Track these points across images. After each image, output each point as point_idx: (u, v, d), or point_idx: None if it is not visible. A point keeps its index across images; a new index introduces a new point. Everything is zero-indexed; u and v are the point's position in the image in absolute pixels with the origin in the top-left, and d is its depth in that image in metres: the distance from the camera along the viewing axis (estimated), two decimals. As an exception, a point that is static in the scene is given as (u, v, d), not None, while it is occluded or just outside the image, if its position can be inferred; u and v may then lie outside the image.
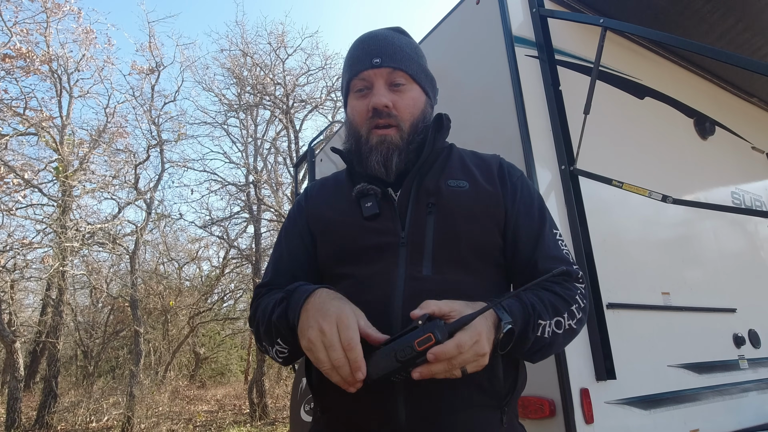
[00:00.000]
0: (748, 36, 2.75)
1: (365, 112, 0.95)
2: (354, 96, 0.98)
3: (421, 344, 0.67)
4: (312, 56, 23.92)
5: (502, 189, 0.95)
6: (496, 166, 1.00)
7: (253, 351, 11.39)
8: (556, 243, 0.94)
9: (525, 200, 0.96)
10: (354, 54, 0.99)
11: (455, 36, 2.49)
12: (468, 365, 0.70)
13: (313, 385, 0.91)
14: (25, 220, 8.83)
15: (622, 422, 1.75)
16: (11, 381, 7.70)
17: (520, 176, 1.00)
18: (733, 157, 3.02)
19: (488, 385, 0.83)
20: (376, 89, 0.94)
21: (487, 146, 2.06)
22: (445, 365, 0.68)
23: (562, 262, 0.91)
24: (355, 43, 1.01)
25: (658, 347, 2.01)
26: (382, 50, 0.96)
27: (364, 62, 0.95)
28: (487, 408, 0.83)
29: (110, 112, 10.07)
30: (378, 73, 0.94)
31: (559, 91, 2.11)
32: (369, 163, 0.94)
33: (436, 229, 0.89)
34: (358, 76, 0.96)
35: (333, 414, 0.88)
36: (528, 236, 0.93)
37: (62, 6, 9.12)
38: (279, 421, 8.77)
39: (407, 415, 0.79)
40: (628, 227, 2.20)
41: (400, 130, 0.94)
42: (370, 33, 1.01)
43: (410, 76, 0.96)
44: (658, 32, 1.90)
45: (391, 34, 1.00)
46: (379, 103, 0.92)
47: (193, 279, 14.72)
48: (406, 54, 0.98)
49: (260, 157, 12.15)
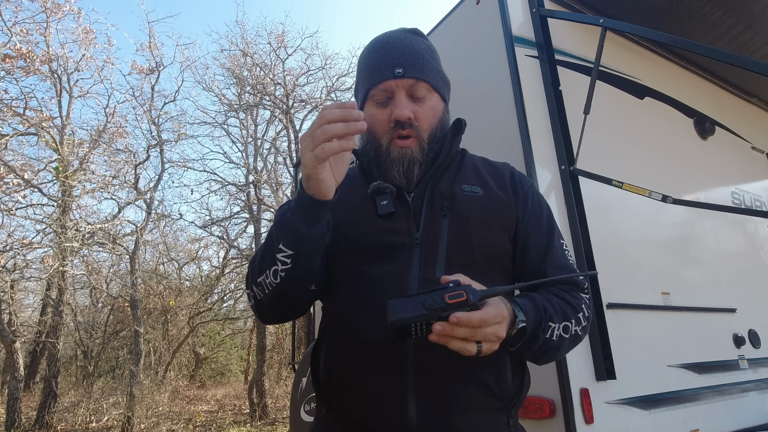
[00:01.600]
0: (748, 36, 2.75)
1: (386, 123, 0.93)
2: (373, 104, 0.96)
3: (452, 298, 0.67)
4: (312, 56, 23.90)
5: (514, 198, 0.96)
6: (508, 174, 1.01)
7: (253, 351, 11.38)
8: (563, 253, 0.95)
9: (535, 210, 0.97)
10: (373, 60, 0.96)
11: (455, 36, 2.49)
12: (484, 344, 0.69)
13: (320, 383, 0.91)
14: (25, 220, 8.83)
15: (622, 422, 1.75)
16: (11, 381, 7.70)
17: (530, 186, 1.01)
18: (733, 157, 3.02)
19: (497, 387, 0.84)
20: (398, 101, 0.92)
21: (487, 146, 2.06)
22: (465, 332, 0.67)
23: (569, 272, 0.93)
24: (374, 48, 0.98)
25: (658, 347, 2.01)
26: (403, 59, 0.94)
27: (385, 72, 0.93)
28: (495, 410, 0.84)
29: (110, 112, 10.07)
30: (400, 84, 0.92)
31: (559, 91, 2.11)
32: (390, 173, 0.93)
33: (450, 233, 0.89)
34: (377, 87, 0.94)
35: (340, 412, 0.88)
36: (538, 245, 0.94)
37: (62, 6, 9.11)
38: (279, 421, 8.76)
39: (417, 414, 0.79)
40: (628, 227, 2.20)
41: (420, 140, 0.93)
42: (388, 37, 0.98)
43: (431, 85, 0.95)
44: (658, 32, 1.90)
45: (410, 39, 0.98)
46: (402, 116, 0.91)
47: (193, 279, 14.72)
48: (427, 62, 0.96)
49: (260, 157, 12.15)
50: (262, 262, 0.83)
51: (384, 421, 0.80)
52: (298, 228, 0.78)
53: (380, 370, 0.82)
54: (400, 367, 0.81)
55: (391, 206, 0.91)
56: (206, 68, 19.59)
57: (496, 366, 0.84)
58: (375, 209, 0.92)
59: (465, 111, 2.27)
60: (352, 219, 0.93)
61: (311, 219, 0.78)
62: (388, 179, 0.93)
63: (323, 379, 0.90)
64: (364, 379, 0.83)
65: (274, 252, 0.80)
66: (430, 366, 0.81)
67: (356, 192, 0.97)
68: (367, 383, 0.83)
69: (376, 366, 0.83)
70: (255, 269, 0.86)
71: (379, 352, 0.82)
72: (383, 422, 0.80)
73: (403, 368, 0.81)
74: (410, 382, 0.80)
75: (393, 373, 0.81)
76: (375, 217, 0.91)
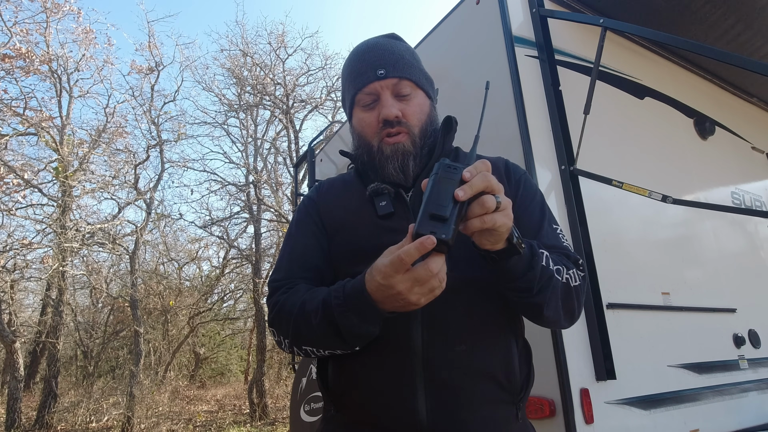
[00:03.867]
0: (748, 36, 2.75)
1: (375, 124, 0.94)
2: (361, 109, 0.97)
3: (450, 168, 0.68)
4: (312, 56, 23.93)
5: (508, 185, 0.97)
6: (503, 166, 1.02)
7: (253, 351, 11.38)
8: (557, 235, 0.95)
9: (527, 196, 0.98)
10: (355, 67, 0.97)
11: (455, 36, 2.49)
12: (498, 214, 0.67)
13: (329, 384, 0.91)
14: (25, 220, 8.83)
15: (622, 422, 1.75)
16: (11, 381, 7.70)
17: (523, 174, 1.02)
18: (733, 157, 3.02)
19: (505, 380, 0.85)
20: (384, 101, 0.93)
21: (487, 146, 2.05)
22: (481, 180, 0.66)
23: (560, 250, 0.92)
24: (354, 56, 0.99)
25: (658, 347, 2.01)
26: (384, 60, 0.95)
27: (368, 75, 0.94)
28: (504, 404, 0.85)
29: (110, 112, 10.08)
30: (384, 85, 0.94)
31: (559, 91, 2.11)
32: (386, 171, 0.93)
33: None
34: (363, 90, 0.95)
35: (350, 411, 0.88)
36: (529, 228, 0.94)
37: (62, 6, 9.12)
38: (279, 421, 8.77)
39: (428, 410, 0.79)
40: (628, 227, 2.20)
41: (411, 135, 0.94)
42: (367, 44, 1.00)
43: (414, 83, 0.97)
44: (658, 32, 1.90)
45: (388, 42, 1.00)
46: (390, 114, 0.92)
47: (193, 279, 14.72)
48: (407, 61, 0.98)
49: (260, 157, 12.15)
50: (319, 342, 0.81)
51: (394, 418, 0.81)
52: (361, 328, 0.76)
53: (388, 367, 0.83)
54: (407, 362, 0.81)
55: (390, 206, 0.92)
56: (206, 68, 19.65)
57: (504, 358, 0.85)
58: (374, 211, 0.92)
59: (465, 111, 2.27)
60: (352, 222, 0.94)
61: (374, 321, 0.75)
62: (385, 178, 0.94)
63: (332, 378, 0.91)
64: (373, 377, 0.84)
65: (335, 346, 0.80)
66: (438, 360, 0.81)
67: (354, 195, 0.98)
68: (375, 380, 0.83)
69: (384, 363, 0.83)
70: (305, 338, 0.82)
71: (387, 348, 0.83)
72: (393, 419, 0.81)
73: (411, 364, 0.81)
74: (418, 377, 0.81)
75: (401, 370, 0.82)
76: (375, 219, 0.92)
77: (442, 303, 0.78)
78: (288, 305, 0.85)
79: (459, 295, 0.83)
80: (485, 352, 0.84)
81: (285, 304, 0.86)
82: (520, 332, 0.92)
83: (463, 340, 0.83)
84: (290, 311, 0.84)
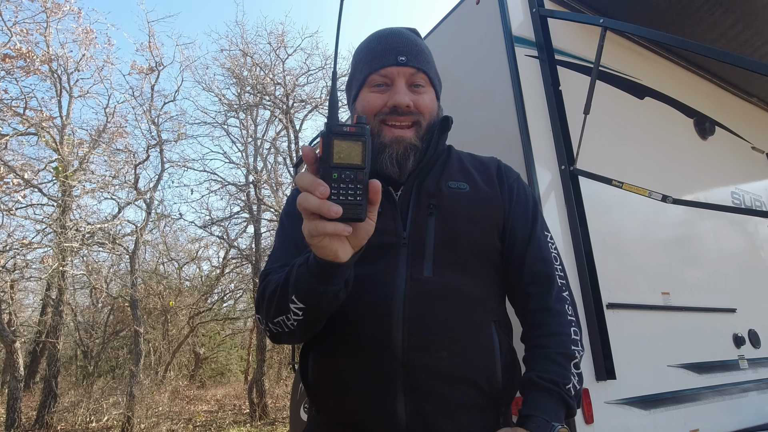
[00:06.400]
0: (748, 36, 2.75)
1: (380, 107, 0.93)
2: (370, 89, 0.96)
3: None
4: (312, 56, 23.93)
5: (500, 190, 0.96)
6: (495, 168, 1.01)
7: (253, 351, 11.37)
8: (547, 245, 0.95)
9: (521, 201, 0.97)
10: (375, 48, 0.97)
11: (455, 36, 2.49)
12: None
13: (309, 385, 0.90)
14: (25, 220, 8.83)
15: (622, 422, 1.75)
16: (11, 381, 7.70)
17: (516, 178, 1.01)
18: (733, 157, 3.02)
19: (487, 386, 0.83)
20: (398, 87, 0.93)
21: (487, 146, 2.06)
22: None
23: (546, 263, 0.93)
24: (375, 38, 0.99)
25: (658, 347, 2.00)
26: (407, 48, 0.95)
27: (388, 58, 0.94)
28: (484, 409, 0.84)
29: (110, 112, 10.07)
30: (401, 72, 0.93)
31: (559, 91, 2.11)
32: (380, 160, 0.91)
33: (437, 231, 0.89)
34: (378, 72, 0.94)
35: (330, 414, 0.88)
36: (522, 236, 0.94)
37: (62, 6, 9.11)
38: (279, 421, 8.76)
39: (408, 415, 0.79)
40: (628, 227, 2.19)
41: (418, 128, 0.93)
42: (390, 30, 1.00)
43: (429, 79, 0.97)
44: (658, 32, 1.90)
45: (411, 34, 0.99)
46: (402, 102, 0.91)
47: (193, 279, 14.72)
48: (427, 56, 0.98)
49: (260, 157, 12.14)
50: (278, 306, 0.79)
51: (373, 422, 0.80)
52: (310, 284, 0.73)
53: (369, 371, 0.82)
54: (388, 366, 0.80)
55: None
56: (206, 68, 19.64)
57: (486, 365, 0.84)
58: None
59: (465, 111, 2.28)
60: None
61: (324, 277, 0.72)
62: (378, 167, 0.91)
63: (312, 380, 0.90)
64: (353, 380, 0.83)
65: (287, 301, 0.77)
66: (419, 365, 0.80)
67: None
68: (355, 383, 0.83)
69: (364, 366, 0.82)
70: (270, 309, 0.81)
71: (368, 352, 0.82)
72: (373, 423, 0.80)
73: (391, 368, 0.80)
74: (398, 382, 0.80)
75: (381, 373, 0.81)
76: None
77: (425, 308, 0.78)
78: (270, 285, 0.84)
79: (442, 300, 0.82)
80: (467, 359, 0.83)
81: (268, 284, 0.85)
82: (504, 338, 0.90)
83: (445, 346, 0.82)
84: (266, 287, 0.84)
